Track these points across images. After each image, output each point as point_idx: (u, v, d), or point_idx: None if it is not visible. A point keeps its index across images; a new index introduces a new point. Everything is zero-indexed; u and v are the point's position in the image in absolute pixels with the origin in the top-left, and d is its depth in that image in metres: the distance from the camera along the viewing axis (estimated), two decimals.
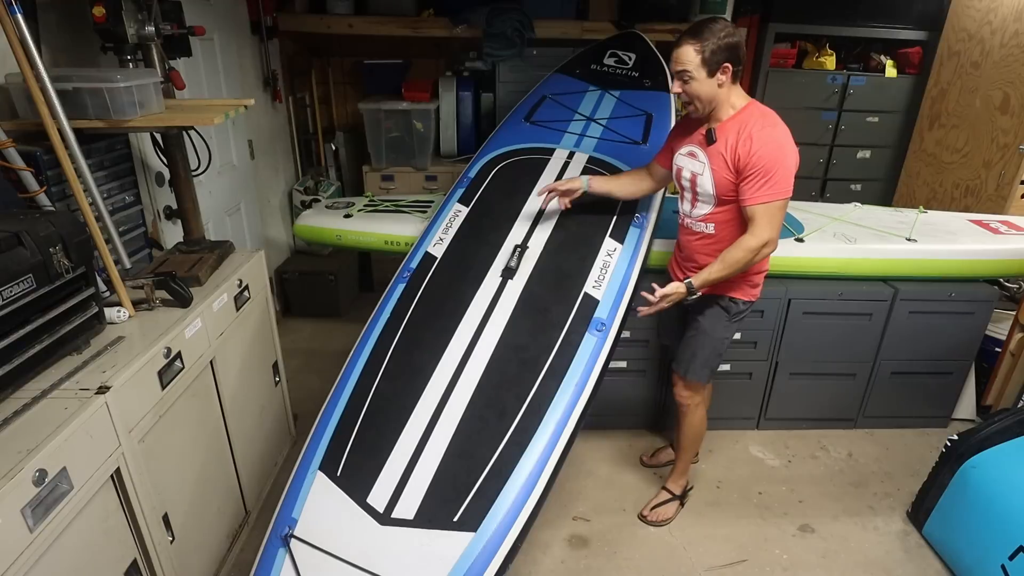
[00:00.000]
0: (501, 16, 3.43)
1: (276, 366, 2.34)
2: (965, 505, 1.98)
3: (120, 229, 1.86)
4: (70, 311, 1.44)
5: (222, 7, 2.88)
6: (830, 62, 3.76)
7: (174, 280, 1.72)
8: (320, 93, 4.03)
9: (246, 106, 1.98)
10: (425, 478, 1.54)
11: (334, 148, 4.01)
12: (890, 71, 3.78)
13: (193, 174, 2.06)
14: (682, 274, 1.98)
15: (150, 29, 1.86)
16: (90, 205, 1.62)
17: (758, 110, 1.74)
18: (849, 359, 2.60)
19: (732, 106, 1.74)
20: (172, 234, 2.31)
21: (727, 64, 1.66)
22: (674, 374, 2.10)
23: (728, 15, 3.67)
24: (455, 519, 1.47)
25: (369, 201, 3.03)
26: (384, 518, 1.48)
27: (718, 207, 1.81)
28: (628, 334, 2.31)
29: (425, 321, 1.90)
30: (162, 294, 1.73)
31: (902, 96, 3.82)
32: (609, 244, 2.10)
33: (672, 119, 2.62)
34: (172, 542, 1.61)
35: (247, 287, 2.05)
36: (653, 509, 2.22)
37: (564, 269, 1.99)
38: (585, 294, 1.93)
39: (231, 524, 1.99)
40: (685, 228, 1.96)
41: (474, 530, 1.44)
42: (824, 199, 3.96)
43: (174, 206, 2.11)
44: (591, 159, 2.46)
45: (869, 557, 2.10)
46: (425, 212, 2.79)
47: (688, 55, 1.65)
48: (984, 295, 2.51)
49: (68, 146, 1.57)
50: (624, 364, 2.44)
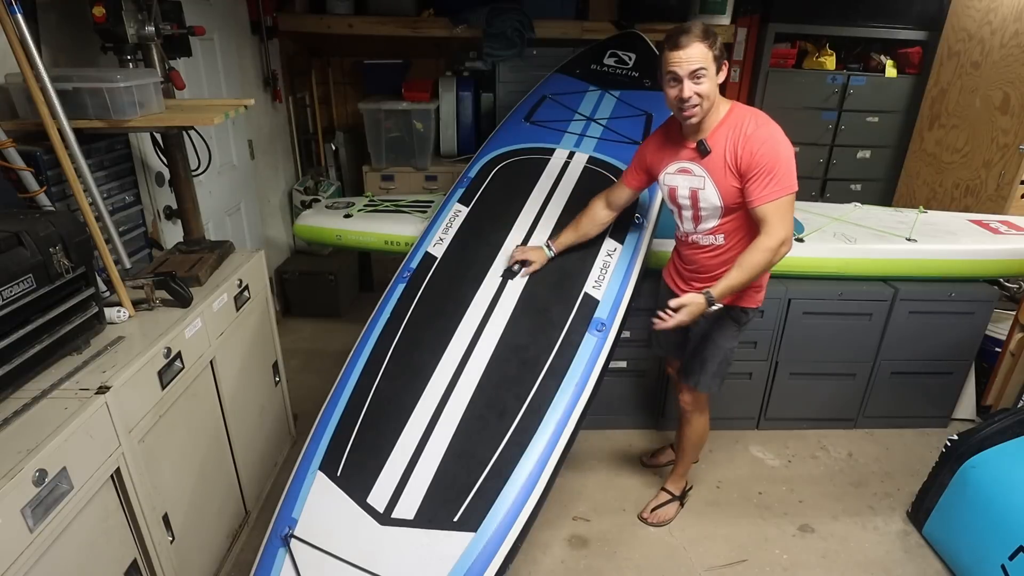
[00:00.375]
0: (501, 16, 3.43)
1: (276, 366, 2.34)
2: (965, 505, 1.98)
3: (120, 229, 1.86)
4: (70, 311, 1.44)
5: (222, 7, 2.88)
6: (830, 62, 3.76)
7: (174, 280, 1.72)
8: (320, 93, 4.03)
9: (246, 106, 1.98)
10: (425, 478, 1.54)
11: (334, 148, 4.01)
12: (890, 71, 3.77)
13: (193, 174, 2.06)
14: (686, 286, 1.93)
15: (150, 29, 1.86)
16: (90, 205, 1.62)
17: (745, 111, 1.70)
18: (849, 359, 2.60)
19: (718, 110, 1.69)
20: (172, 234, 2.31)
21: (726, 62, 1.66)
22: (681, 384, 2.06)
23: (728, 15, 3.67)
24: (455, 519, 1.47)
25: (369, 201, 3.03)
26: (384, 518, 1.48)
27: (725, 217, 1.76)
28: (628, 334, 2.30)
29: (425, 321, 1.90)
30: (162, 294, 1.73)
31: (902, 96, 3.82)
32: (609, 244, 2.10)
33: None
34: (172, 542, 1.61)
35: (247, 287, 2.05)
36: (653, 511, 2.22)
37: (564, 269, 1.99)
38: (585, 294, 1.93)
39: (231, 524, 1.99)
40: (689, 244, 1.88)
41: (474, 530, 1.44)
42: (824, 199, 3.96)
43: (174, 206, 2.11)
44: (591, 159, 2.46)
45: (869, 557, 2.10)
46: (425, 212, 2.79)
47: (701, 51, 1.59)
48: (984, 295, 2.51)
49: (68, 146, 1.57)
50: (624, 364, 2.44)
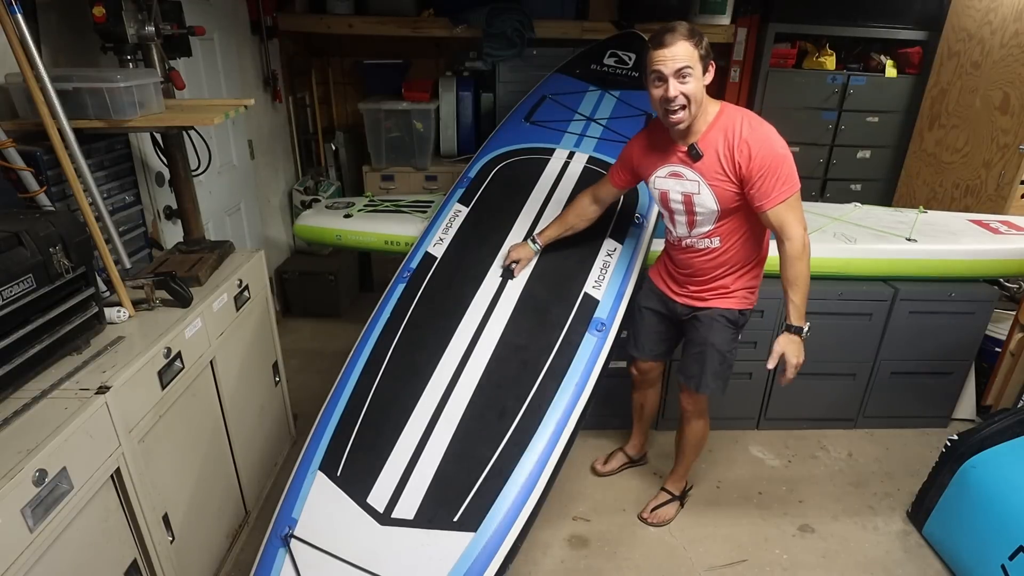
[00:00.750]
0: (501, 16, 3.43)
1: (276, 366, 2.34)
2: (965, 505, 1.98)
3: (120, 229, 1.86)
4: (70, 311, 1.44)
5: (222, 7, 2.88)
6: (830, 62, 3.76)
7: (174, 280, 1.72)
8: (320, 93, 4.03)
9: (246, 106, 1.97)
10: (425, 478, 1.54)
11: (334, 148, 4.00)
12: (890, 71, 3.78)
13: (193, 174, 2.06)
14: (680, 288, 1.91)
15: (150, 29, 1.86)
16: (90, 205, 1.62)
17: (736, 112, 1.68)
18: (849, 359, 2.60)
19: (707, 112, 1.66)
20: (172, 234, 2.31)
21: (712, 63, 1.63)
22: (682, 386, 2.05)
23: (728, 15, 3.67)
24: (455, 519, 1.47)
25: (369, 201, 3.04)
26: (384, 518, 1.48)
27: (721, 220, 1.74)
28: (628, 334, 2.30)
29: (425, 321, 1.90)
30: (162, 294, 1.73)
31: (902, 96, 3.82)
32: (609, 244, 2.10)
33: None
34: (172, 542, 1.61)
35: (247, 287, 2.05)
36: (653, 511, 2.21)
37: (564, 269, 1.99)
38: (585, 294, 1.93)
39: (231, 524, 1.99)
40: (683, 248, 1.85)
41: (474, 530, 1.44)
42: (824, 199, 3.96)
43: (174, 206, 2.11)
44: (591, 159, 2.46)
45: (869, 557, 2.10)
46: (425, 212, 2.79)
47: (687, 50, 1.55)
48: (984, 295, 2.51)
49: (68, 146, 1.57)
50: (624, 364, 2.43)
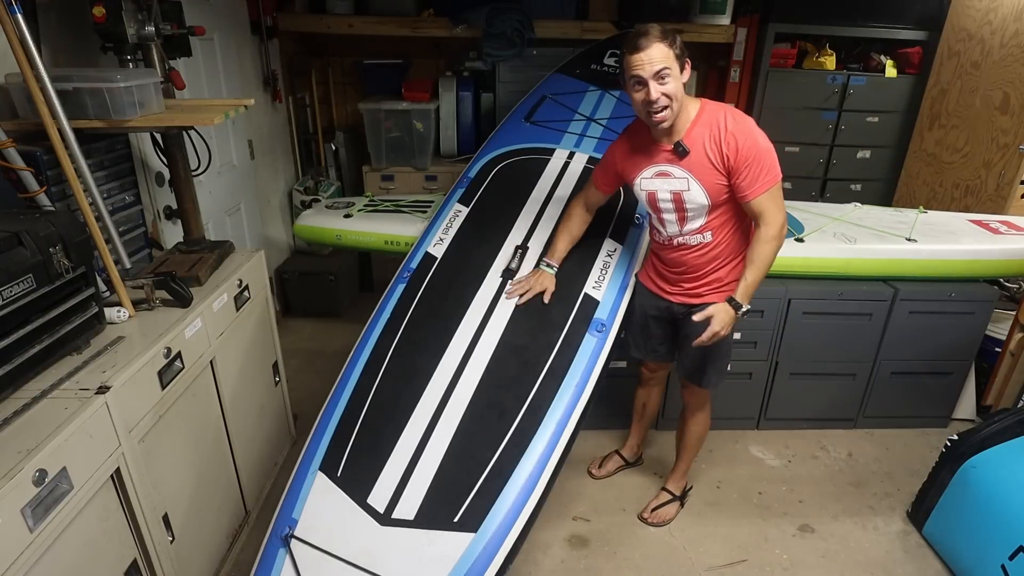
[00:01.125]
0: (501, 16, 3.43)
1: (276, 366, 2.34)
2: (965, 505, 1.98)
3: (120, 229, 1.86)
4: (70, 311, 1.44)
5: (222, 7, 2.88)
6: (830, 62, 3.76)
7: (174, 280, 1.72)
8: (320, 93, 4.03)
9: (246, 106, 1.97)
10: (425, 478, 1.54)
11: (334, 148, 4.00)
12: (890, 71, 3.78)
13: (193, 174, 2.06)
14: (673, 287, 1.91)
15: (150, 29, 1.86)
16: (90, 205, 1.62)
17: (717, 107, 1.70)
18: (849, 359, 2.60)
19: (688, 110, 1.68)
20: (172, 234, 2.31)
21: (688, 60, 1.64)
22: (683, 381, 2.06)
23: (728, 15, 3.67)
24: (455, 519, 1.47)
25: (369, 201, 3.03)
26: (384, 518, 1.48)
27: (712, 214, 1.76)
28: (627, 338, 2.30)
29: (425, 321, 1.90)
30: (162, 294, 1.73)
31: (902, 96, 3.82)
32: (609, 245, 2.10)
33: None
34: (172, 542, 1.61)
35: (247, 287, 2.05)
36: (653, 511, 2.21)
37: (564, 270, 1.99)
38: (585, 295, 1.93)
39: (231, 524, 1.99)
40: (675, 247, 1.85)
41: (474, 530, 1.44)
42: (824, 199, 3.96)
43: (174, 206, 2.11)
44: (591, 159, 2.46)
45: (869, 557, 2.10)
46: (425, 212, 2.79)
47: (662, 51, 1.56)
48: (984, 295, 2.51)
49: (68, 146, 1.57)
50: (624, 364, 2.44)
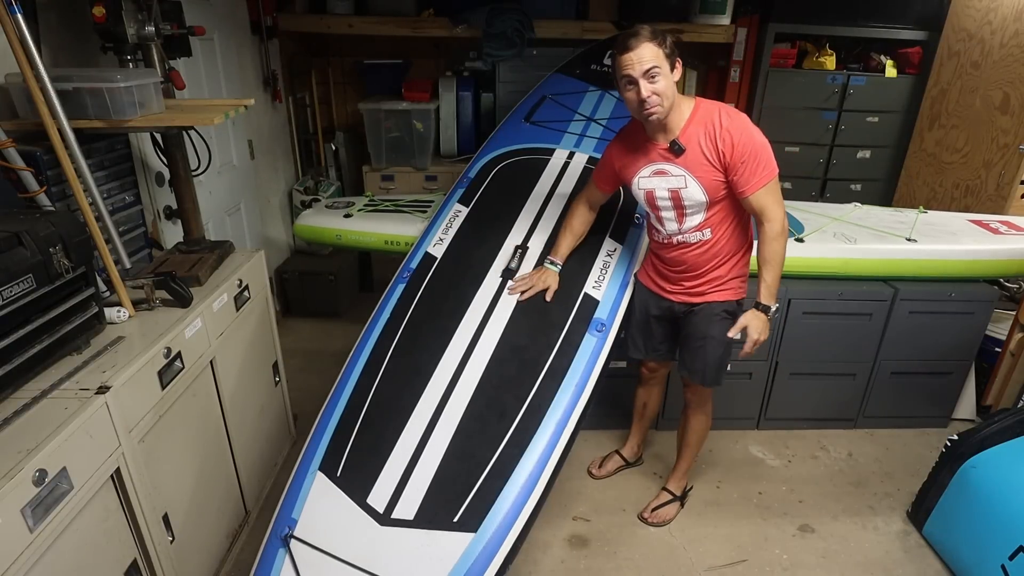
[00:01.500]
0: (501, 16, 3.44)
1: (276, 366, 2.34)
2: (965, 505, 1.98)
3: (120, 229, 1.86)
4: (70, 311, 1.44)
5: (222, 7, 2.88)
6: (830, 62, 3.77)
7: (174, 280, 1.72)
8: (320, 93, 4.04)
9: (246, 106, 1.97)
10: (425, 478, 1.54)
11: (334, 148, 4.01)
12: (890, 71, 3.78)
13: (193, 174, 2.06)
14: (674, 286, 1.91)
15: (150, 29, 1.86)
16: (90, 205, 1.62)
17: (712, 105, 1.71)
18: (849, 359, 2.60)
19: (682, 108, 1.69)
20: (172, 234, 2.31)
21: (679, 60, 1.66)
22: (685, 380, 2.06)
23: (728, 15, 3.67)
24: (455, 519, 1.47)
25: (369, 201, 3.04)
26: (384, 518, 1.48)
27: (710, 210, 1.76)
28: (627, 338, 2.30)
29: (425, 321, 1.90)
30: (162, 294, 1.73)
31: (902, 96, 3.82)
32: (609, 244, 2.10)
33: None
34: (172, 542, 1.61)
35: (247, 287, 2.05)
36: (653, 511, 2.21)
37: (564, 270, 1.99)
38: (585, 294, 1.93)
39: (231, 524, 1.99)
40: (674, 245, 1.85)
41: (474, 530, 1.44)
42: (824, 199, 3.97)
43: (174, 206, 2.11)
44: (591, 159, 2.46)
45: (869, 557, 2.10)
46: (425, 212, 2.79)
47: (652, 51, 1.57)
48: (984, 295, 2.51)
49: (68, 146, 1.57)
50: (624, 364, 2.44)
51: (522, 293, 1.91)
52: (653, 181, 1.78)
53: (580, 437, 1.70)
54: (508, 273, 1.99)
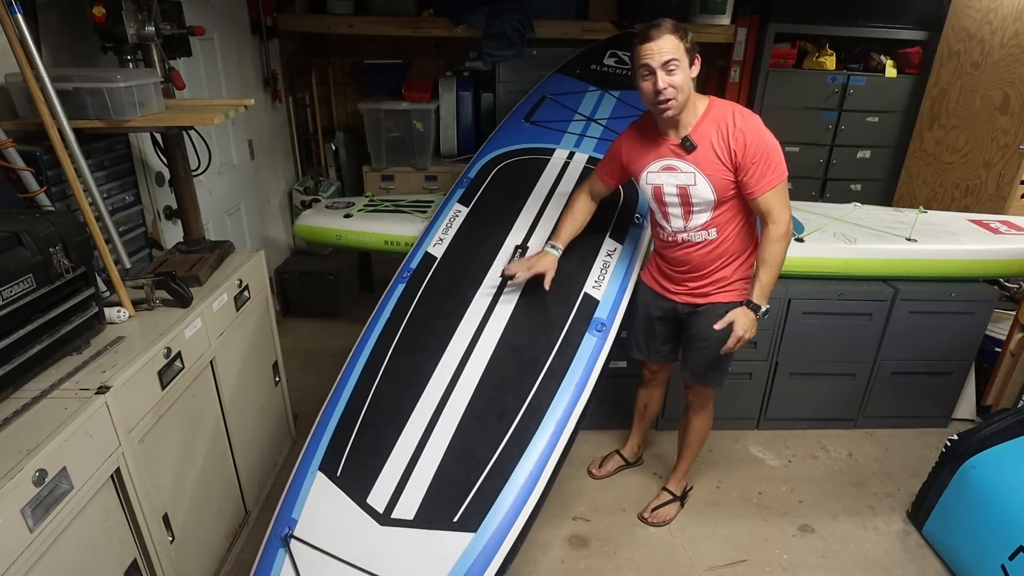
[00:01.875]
0: (501, 16, 3.44)
1: (276, 366, 2.34)
2: (965, 505, 1.98)
3: (120, 229, 1.86)
4: (70, 311, 1.44)
5: (222, 7, 2.88)
6: (830, 62, 3.77)
7: (174, 280, 1.72)
8: (320, 93, 4.04)
9: (246, 106, 1.98)
10: (425, 478, 1.54)
11: (334, 148, 4.01)
12: (890, 71, 3.78)
13: (193, 174, 2.06)
14: (678, 287, 1.91)
15: (150, 29, 1.86)
16: (90, 205, 1.62)
17: (726, 105, 1.72)
18: (849, 359, 2.60)
19: (696, 106, 1.71)
20: (172, 234, 2.31)
21: (699, 56, 1.66)
22: (687, 381, 2.06)
23: (728, 15, 3.67)
24: (455, 519, 1.47)
25: (369, 201, 3.03)
26: (384, 518, 1.48)
27: (717, 209, 1.76)
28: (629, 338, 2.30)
29: (425, 321, 1.90)
30: (162, 294, 1.73)
31: (902, 96, 3.82)
32: (609, 244, 2.10)
33: None
34: (172, 542, 1.61)
35: (247, 287, 2.05)
36: (654, 511, 2.21)
37: (564, 269, 1.98)
38: (585, 294, 1.93)
39: (231, 524, 1.99)
40: (679, 244, 1.84)
41: (474, 530, 1.44)
42: (824, 199, 3.97)
43: (174, 206, 2.11)
44: (591, 159, 2.46)
45: (869, 557, 2.10)
46: (425, 212, 2.79)
47: (672, 43, 1.59)
48: (984, 295, 2.51)
49: (68, 146, 1.57)
50: (624, 364, 2.44)
51: (518, 274, 1.87)
52: (662, 176, 1.78)
53: (580, 437, 1.71)
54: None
